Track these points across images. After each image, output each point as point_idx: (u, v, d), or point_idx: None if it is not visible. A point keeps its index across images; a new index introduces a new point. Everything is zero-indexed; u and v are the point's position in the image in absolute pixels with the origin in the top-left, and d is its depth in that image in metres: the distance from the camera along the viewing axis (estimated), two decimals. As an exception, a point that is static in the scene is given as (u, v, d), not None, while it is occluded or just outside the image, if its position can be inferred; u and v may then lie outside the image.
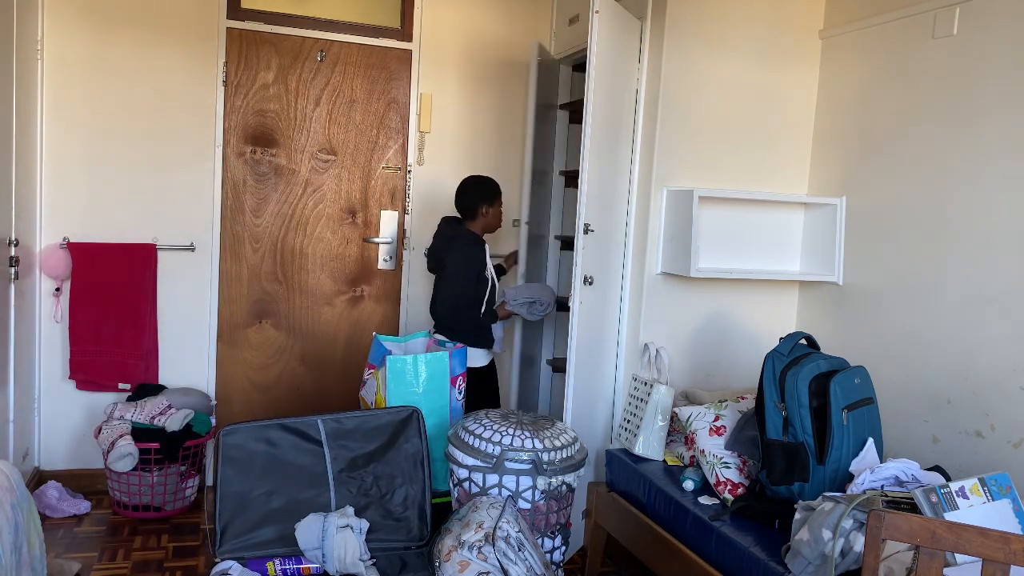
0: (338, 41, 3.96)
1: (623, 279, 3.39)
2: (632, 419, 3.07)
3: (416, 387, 3.02)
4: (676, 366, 3.30)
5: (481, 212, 3.42)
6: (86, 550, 3.19)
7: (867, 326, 3.12)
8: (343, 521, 2.50)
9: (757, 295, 3.44)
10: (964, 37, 2.76)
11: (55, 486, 3.52)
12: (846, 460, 2.43)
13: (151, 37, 3.67)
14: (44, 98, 3.56)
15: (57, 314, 3.64)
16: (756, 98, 3.33)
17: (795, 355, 2.56)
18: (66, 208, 3.63)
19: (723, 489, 2.65)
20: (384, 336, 3.31)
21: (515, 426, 2.65)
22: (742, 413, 2.81)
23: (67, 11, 3.56)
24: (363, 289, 4.13)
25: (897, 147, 3.02)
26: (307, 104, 3.95)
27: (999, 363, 2.59)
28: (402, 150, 4.10)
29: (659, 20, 3.20)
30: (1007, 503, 2.01)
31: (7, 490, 2.00)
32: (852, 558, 2.07)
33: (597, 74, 2.96)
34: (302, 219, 4.00)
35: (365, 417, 2.73)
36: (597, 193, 3.10)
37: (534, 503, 2.59)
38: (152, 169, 3.73)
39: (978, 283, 2.68)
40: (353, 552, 2.44)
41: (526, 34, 4.19)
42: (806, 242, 3.45)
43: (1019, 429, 2.52)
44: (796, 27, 3.36)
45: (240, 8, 3.81)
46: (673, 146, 3.23)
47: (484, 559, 2.31)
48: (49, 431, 3.70)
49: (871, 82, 3.15)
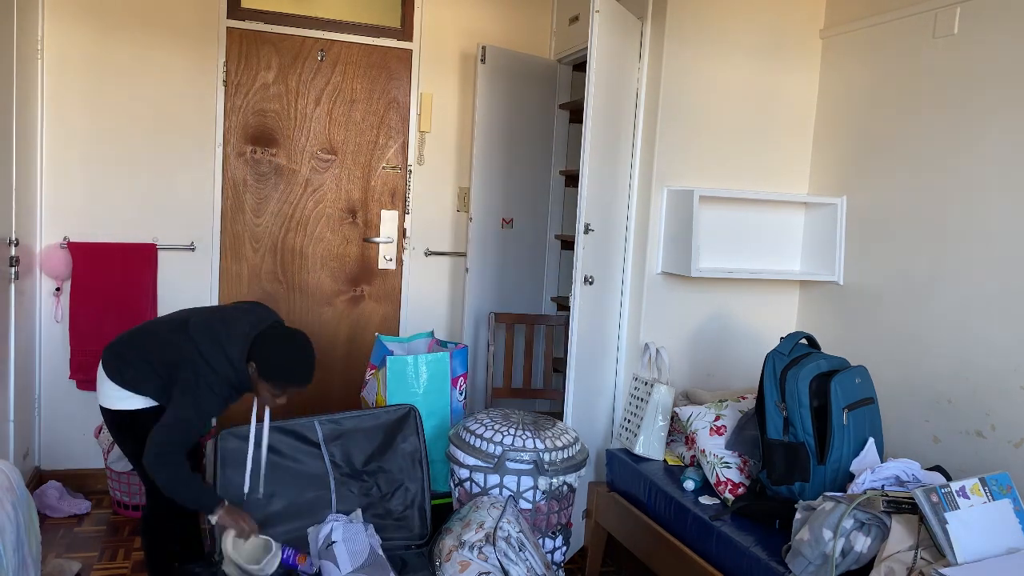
0: (338, 41, 3.96)
1: (623, 279, 3.39)
2: (632, 419, 3.07)
3: (417, 388, 3.02)
4: (676, 366, 3.31)
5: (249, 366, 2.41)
6: (86, 550, 3.19)
7: (867, 326, 3.12)
8: (354, 524, 2.50)
9: (757, 295, 3.44)
10: (965, 37, 2.76)
11: (55, 486, 3.52)
12: (847, 460, 2.43)
13: (151, 37, 3.67)
14: (44, 98, 3.56)
15: (57, 314, 3.64)
16: (756, 98, 3.33)
17: (796, 355, 2.56)
18: (66, 208, 3.63)
19: (724, 489, 2.65)
20: (386, 336, 3.31)
21: (516, 426, 2.65)
22: (743, 413, 2.81)
23: (67, 11, 3.55)
24: (363, 289, 4.14)
25: (897, 147, 3.02)
26: (307, 104, 3.95)
27: (999, 363, 2.59)
28: (402, 150, 4.10)
29: (659, 20, 3.20)
30: (1008, 503, 2.01)
31: (8, 490, 2.00)
32: (852, 558, 2.07)
33: (597, 74, 2.96)
34: (302, 219, 4.00)
35: (362, 417, 2.73)
36: (597, 193, 3.10)
37: (535, 503, 2.59)
38: (152, 169, 3.73)
39: (978, 283, 2.68)
40: (363, 550, 2.43)
41: (526, 34, 4.20)
42: (806, 242, 3.46)
43: (1019, 429, 2.52)
44: (796, 27, 3.36)
45: (240, 8, 3.81)
46: (673, 146, 3.23)
47: (485, 559, 2.31)
48: (49, 431, 3.70)
49: (871, 82, 3.15)
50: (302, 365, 2.42)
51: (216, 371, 2.36)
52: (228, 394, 2.40)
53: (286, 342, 2.43)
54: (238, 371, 2.39)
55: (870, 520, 2.08)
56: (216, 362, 2.36)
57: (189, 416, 2.32)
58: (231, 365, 2.38)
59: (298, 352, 2.43)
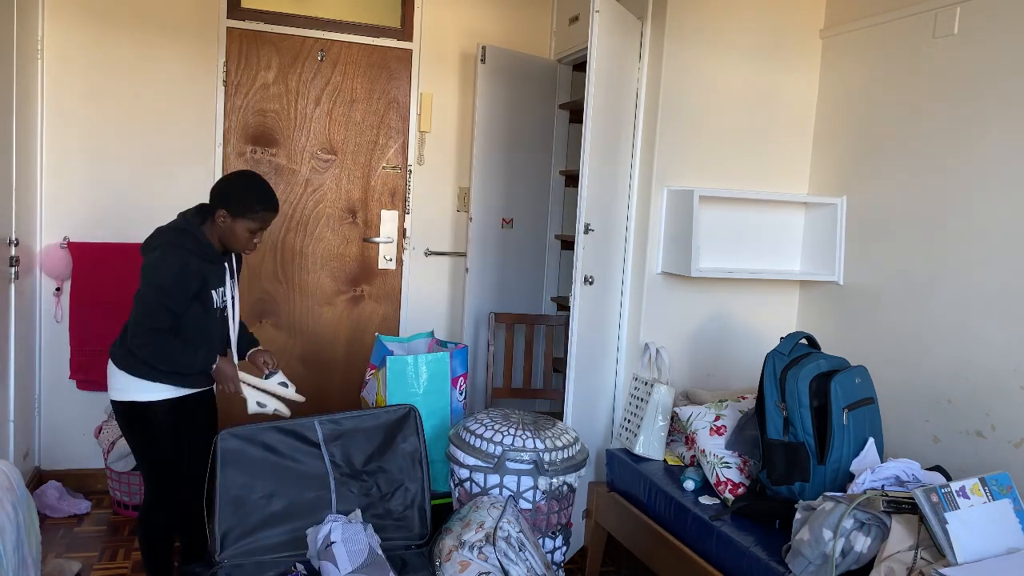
0: (338, 41, 3.96)
1: (623, 279, 3.39)
2: (632, 419, 3.07)
3: (417, 388, 3.02)
4: (676, 366, 3.31)
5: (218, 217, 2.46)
6: (86, 550, 3.19)
7: (867, 326, 3.12)
8: (352, 524, 2.49)
9: (757, 295, 3.44)
10: (965, 37, 2.76)
11: (55, 486, 3.52)
12: (847, 460, 2.43)
13: (151, 37, 3.67)
14: (44, 98, 3.56)
15: (57, 314, 3.64)
16: (756, 98, 3.33)
17: (796, 355, 2.56)
18: (66, 208, 3.63)
19: (723, 489, 2.65)
20: (386, 336, 3.31)
21: (516, 426, 2.65)
22: (743, 413, 2.81)
23: (67, 11, 3.55)
24: (363, 289, 4.14)
25: (897, 147, 3.02)
26: (307, 104, 3.95)
27: (999, 363, 2.59)
28: (402, 150, 4.10)
29: (659, 20, 3.20)
30: (1008, 503, 2.01)
31: (8, 490, 2.00)
32: (852, 558, 2.07)
33: (597, 74, 2.96)
34: (302, 219, 4.00)
35: (362, 417, 2.73)
36: (597, 193, 3.10)
37: (535, 503, 2.59)
38: (152, 169, 3.73)
39: (978, 283, 2.68)
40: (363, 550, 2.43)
41: (526, 34, 4.20)
42: (806, 242, 3.46)
43: (1019, 429, 2.52)
44: (796, 27, 3.36)
45: (240, 8, 3.81)
46: (673, 146, 3.23)
47: (485, 559, 2.31)
48: (49, 431, 3.70)
49: (871, 82, 3.15)
50: (262, 186, 2.49)
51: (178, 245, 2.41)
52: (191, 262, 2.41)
53: (237, 177, 2.52)
54: (199, 236, 2.44)
55: (870, 520, 2.08)
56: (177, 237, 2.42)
57: (148, 295, 2.38)
58: (191, 234, 2.44)
59: (251, 178, 2.51)
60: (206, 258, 2.46)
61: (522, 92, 4.04)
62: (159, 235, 2.48)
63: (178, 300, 2.40)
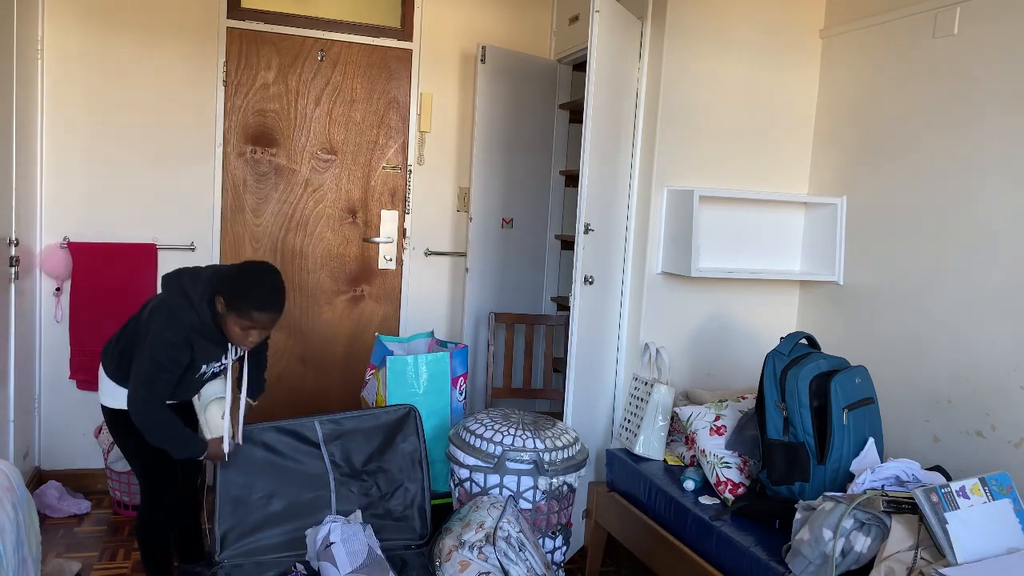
0: (338, 41, 3.96)
1: (623, 279, 3.39)
2: (632, 419, 3.07)
3: (417, 388, 3.02)
4: (676, 366, 3.31)
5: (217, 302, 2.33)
6: (86, 550, 3.19)
7: (867, 326, 3.12)
8: (352, 525, 2.49)
9: (757, 295, 3.44)
10: (965, 37, 2.76)
11: (55, 486, 3.52)
12: (847, 460, 2.43)
13: (151, 37, 3.67)
14: (44, 98, 3.56)
15: (57, 314, 3.64)
16: (756, 98, 3.33)
17: (796, 355, 2.56)
18: (66, 208, 3.63)
19: (723, 489, 2.65)
20: (386, 336, 3.31)
21: (516, 426, 2.65)
22: (743, 413, 2.81)
23: (67, 11, 3.55)
24: (363, 289, 4.14)
25: (897, 147, 3.02)
26: (307, 104, 3.95)
27: (999, 363, 2.59)
28: (402, 150, 4.10)
29: (659, 20, 3.20)
30: (1007, 503, 2.01)
31: (8, 490, 2.00)
32: (852, 558, 2.07)
33: (597, 74, 2.96)
34: (302, 219, 4.00)
35: (362, 417, 2.73)
36: (597, 193, 3.10)
37: (535, 503, 2.59)
38: (152, 169, 3.73)
39: (978, 283, 2.68)
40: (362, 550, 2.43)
41: (526, 34, 4.20)
42: (806, 242, 3.46)
43: (1019, 429, 2.52)
44: (796, 27, 3.36)
45: (240, 8, 3.81)
46: (673, 146, 3.23)
47: (485, 559, 2.31)
48: (49, 431, 3.69)
49: (871, 82, 3.14)
50: (268, 287, 2.31)
51: (179, 319, 2.31)
52: (190, 337, 2.32)
53: (248, 269, 2.35)
54: (202, 316, 2.31)
55: (870, 520, 2.08)
56: (180, 310, 2.32)
57: (145, 366, 2.30)
58: (194, 310, 2.31)
59: (261, 275, 2.32)
60: (208, 337, 2.37)
61: (522, 92, 4.04)
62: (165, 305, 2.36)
63: (173, 373, 2.35)
